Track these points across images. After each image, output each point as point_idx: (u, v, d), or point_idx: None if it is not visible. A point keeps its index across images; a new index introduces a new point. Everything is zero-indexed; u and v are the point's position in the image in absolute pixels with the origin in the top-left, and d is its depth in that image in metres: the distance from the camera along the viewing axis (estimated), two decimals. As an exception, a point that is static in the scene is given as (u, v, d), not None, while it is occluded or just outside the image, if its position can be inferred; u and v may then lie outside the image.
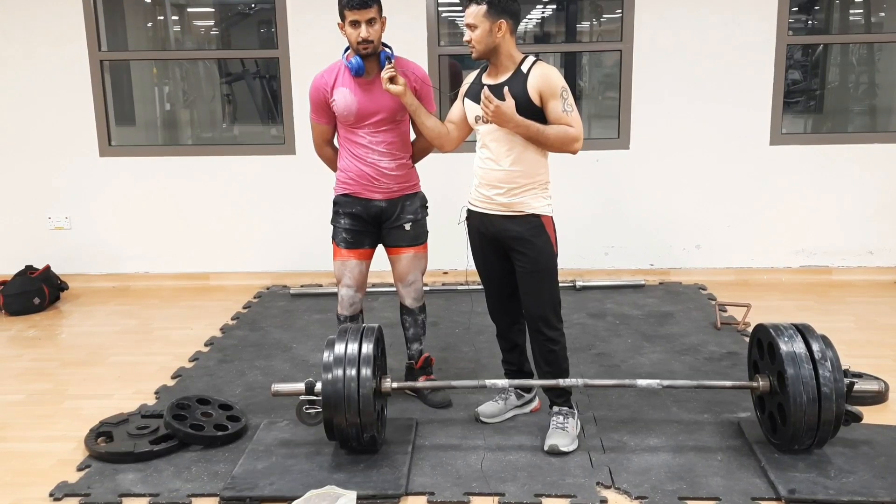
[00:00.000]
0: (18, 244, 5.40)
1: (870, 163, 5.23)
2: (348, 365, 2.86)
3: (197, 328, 4.59)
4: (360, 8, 3.15)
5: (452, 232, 3.33)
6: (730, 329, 4.40)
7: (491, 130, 3.02)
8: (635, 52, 5.13)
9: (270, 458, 3.01)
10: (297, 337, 4.41)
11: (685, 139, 5.23)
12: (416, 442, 3.14)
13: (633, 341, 4.26)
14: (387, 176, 3.37)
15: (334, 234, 3.47)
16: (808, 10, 7.11)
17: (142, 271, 5.50)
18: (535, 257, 3.04)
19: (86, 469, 2.99)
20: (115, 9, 5.93)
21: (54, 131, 5.32)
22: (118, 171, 5.37)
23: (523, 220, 3.04)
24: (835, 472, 2.83)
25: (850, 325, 4.48)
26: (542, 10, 8.92)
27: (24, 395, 3.74)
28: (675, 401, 3.46)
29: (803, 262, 5.38)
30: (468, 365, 3.95)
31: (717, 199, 5.31)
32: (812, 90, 7.58)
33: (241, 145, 6.55)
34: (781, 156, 5.22)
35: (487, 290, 3.31)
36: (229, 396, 3.59)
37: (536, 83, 2.94)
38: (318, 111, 3.39)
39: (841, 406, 2.80)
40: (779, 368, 2.88)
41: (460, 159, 3.83)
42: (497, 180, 3.03)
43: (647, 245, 5.38)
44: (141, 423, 3.23)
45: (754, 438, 3.07)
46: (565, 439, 3.07)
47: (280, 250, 5.45)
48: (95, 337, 4.54)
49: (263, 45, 7.28)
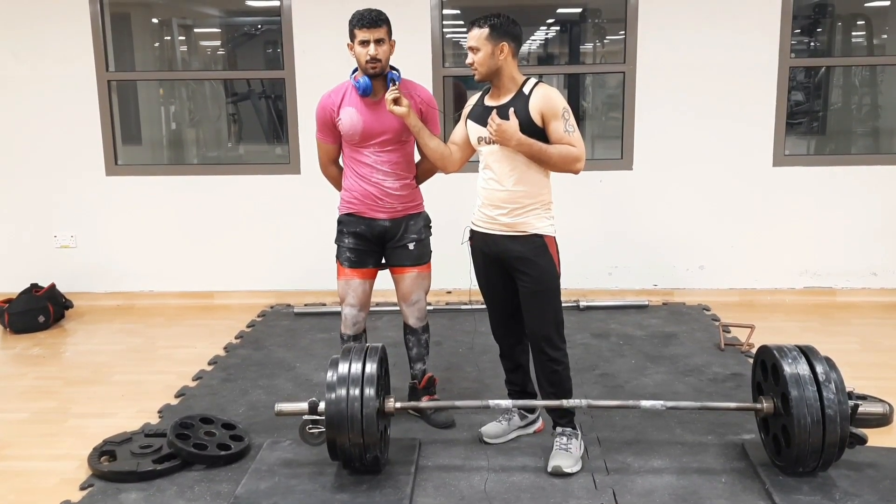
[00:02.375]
0: (24, 262, 5.42)
1: (873, 184, 5.24)
2: (352, 385, 2.86)
3: (201, 347, 4.59)
4: (370, 27, 3.20)
5: (456, 252, 3.34)
6: (733, 350, 4.39)
7: (494, 151, 3.04)
8: (638, 73, 5.16)
9: (273, 478, 3.00)
10: (301, 356, 4.41)
11: (688, 160, 5.24)
12: (420, 462, 3.13)
13: (636, 362, 4.25)
14: (391, 196, 3.39)
15: (338, 254, 3.49)
16: (810, 33, 7.15)
17: (146, 290, 5.52)
18: (537, 277, 3.04)
19: (89, 488, 2.99)
20: (122, 29, 6.00)
21: (61, 150, 5.36)
22: (124, 190, 5.40)
23: (526, 240, 3.05)
24: (840, 495, 2.81)
25: (854, 347, 4.47)
26: (546, 31, 8.99)
27: (28, 414, 3.74)
28: (679, 422, 3.46)
29: (807, 284, 5.37)
30: (472, 385, 3.95)
31: (721, 220, 5.32)
32: (815, 112, 7.62)
33: (247, 164, 6.59)
34: (785, 177, 5.24)
35: (490, 310, 3.31)
36: (232, 416, 3.58)
37: (538, 104, 2.97)
38: (324, 130, 3.42)
39: (845, 428, 2.80)
40: (783, 390, 2.88)
41: (464, 180, 3.85)
42: (500, 200, 3.05)
43: (651, 265, 5.38)
44: (144, 442, 3.23)
45: (758, 460, 3.06)
46: (569, 460, 3.06)
47: (284, 269, 5.46)
48: (99, 355, 4.54)
49: (269, 66, 7.34)
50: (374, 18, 3.21)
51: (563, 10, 8.22)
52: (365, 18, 3.20)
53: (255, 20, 7.67)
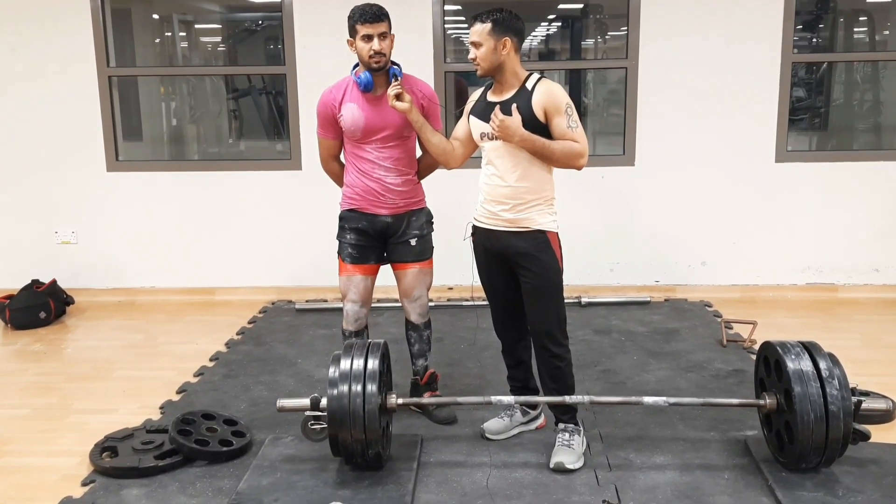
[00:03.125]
0: (25, 258, 5.42)
1: (875, 180, 5.23)
2: (354, 381, 2.86)
3: (202, 343, 4.59)
4: (372, 21, 3.19)
5: (458, 248, 3.33)
6: (736, 346, 4.38)
7: (496, 147, 3.03)
8: (640, 69, 5.15)
9: (275, 473, 3.00)
10: (303, 352, 4.41)
11: (690, 156, 5.23)
12: (422, 458, 3.13)
13: (638, 358, 4.25)
14: (392, 191, 3.38)
15: (340, 250, 3.48)
16: (812, 29, 7.14)
17: (148, 286, 5.52)
18: (540, 273, 3.04)
19: (90, 484, 2.99)
20: (123, 25, 5.98)
21: (62, 146, 5.35)
22: (125, 186, 5.40)
23: (529, 236, 3.04)
24: (843, 492, 2.81)
25: (856, 343, 4.47)
26: (548, 27, 8.97)
27: (29, 410, 3.74)
28: (682, 418, 3.45)
29: (809, 280, 5.37)
30: (473, 381, 3.94)
31: (723, 216, 5.31)
32: (817, 107, 7.60)
33: (247, 160, 6.58)
34: (787, 173, 5.23)
35: (493, 307, 3.31)
36: (234, 412, 3.58)
37: (541, 100, 2.96)
38: (326, 126, 3.41)
39: (849, 424, 2.79)
40: (786, 386, 2.87)
41: (465, 175, 3.84)
42: (503, 196, 3.04)
43: (653, 262, 5.38)
44: (146, 438, 3.22)
45: (761, 457, 3.06)
46: (571, 456, 3.05)
47: (285, 265, 5.46)
48: (101, 351, 4.54)
49: (270, 62, 7.33)
50: (377, 13, 3.21)
51: (565, 5, 8.21)
52: (367, 13, 3.20)
53: (256, 16, 7.66)
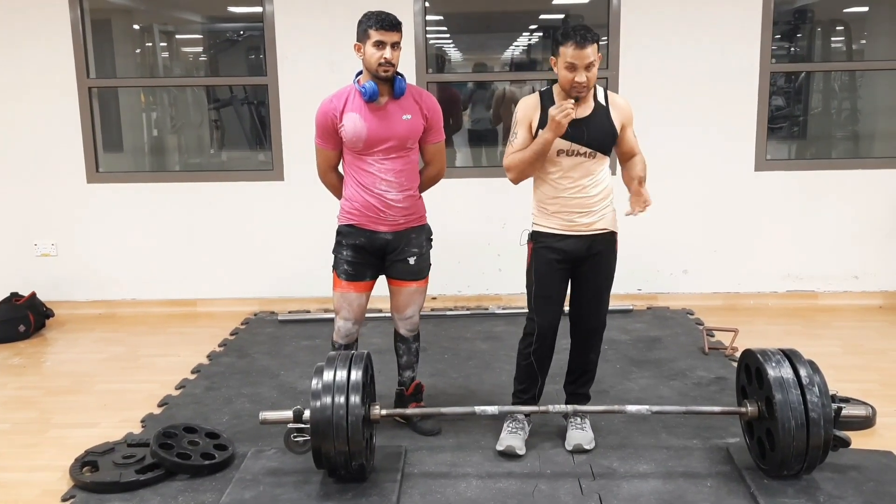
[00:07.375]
0: (4, 271, 5.37)
1: (854, 188, 5.29)
2: (337, 392, 2.84)
3: (184, 355, 4.55)
4: (388, 29, 3.12)
5: (442, 257, 3.33)
6: (717, 354, 4.41)
7: (579, 163, 3.12)
8: (620, 79, 5.18)
9: (258, 487, 2.98)
10: (285, 364, 4.39)
11: (671, 165, 5.26)
12: (405, 470, 3.12)
13: (621, 366, 4.26)
14: (393, 208, 3.29)
15: (335, 264, 3.38)
16: (790, 38, 7.22)
17: (128, 298, 5.47)
18: (608, 273, 3.27)
19: (71, 499, 2.96)
20: (103, 36, 5.95)
21: (42, 158, 5.31)
22: (106, 198, 5.36)
23: (604, 239, 3.22)
24: (824, 498, 2.83)
25: (836, 350, 4.51)
26: (529, 37, 9.01)
27: (8, 424, 3.69)
28: (665, 426, 3.46)
29: (789, 287, 5.41)
30: (457, 391, 3.94)
31: (704, 225, 5.35)
32: (795, 116, 7.68)
33: (229, 171, 6.55)
34: (766, 181, 5.28)
35: (551, 315, 3.24)
36: (216, 424, 3.56)
37: (621, 115, 3.17)
38: (325, 136, 3.30)
39: (829, 431, 2.81)
40: (767, 394, 2.89)
41: (443, 185, 3.78)
42: (585, 206, 3.16)
43: (635, 270, 5.38)
44: (127, 452, 3.19)
45: (743, 464, 3.07)
46: (586, 438, 3.24)
47: (268, 276, 5.43)
48: (81, 364, 4.50)
49: (252, 72, 7.31)
50: (394, 22, 3.13)
51: (546, 16, 8.25)
52: (385, 21, 3.11)
53: (238, 26, 7.64)
